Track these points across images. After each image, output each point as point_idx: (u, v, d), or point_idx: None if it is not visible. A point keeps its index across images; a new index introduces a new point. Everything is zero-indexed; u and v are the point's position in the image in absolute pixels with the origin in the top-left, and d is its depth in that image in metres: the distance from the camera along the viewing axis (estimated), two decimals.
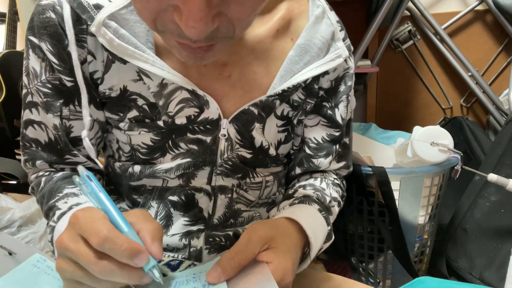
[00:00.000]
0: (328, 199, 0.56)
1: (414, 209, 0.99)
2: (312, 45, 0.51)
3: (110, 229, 0.34)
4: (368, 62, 1.31)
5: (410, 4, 1.48)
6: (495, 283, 1.00)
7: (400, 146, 1.06)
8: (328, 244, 0.53)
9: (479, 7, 1.46)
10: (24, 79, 0.50)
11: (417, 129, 0.94)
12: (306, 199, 0.53)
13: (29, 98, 0.50)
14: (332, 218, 0.57)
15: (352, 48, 0.57)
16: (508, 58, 1.47)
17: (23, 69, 0.50)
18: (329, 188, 0.59)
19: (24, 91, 0.51)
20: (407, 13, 1.54)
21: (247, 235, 0.43)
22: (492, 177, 0.89)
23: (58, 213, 0.46)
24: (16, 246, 0.60)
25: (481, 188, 1.10)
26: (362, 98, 1.74)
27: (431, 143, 0.91)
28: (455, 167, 0.96)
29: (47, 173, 0.53)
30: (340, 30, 0.55)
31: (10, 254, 0.59)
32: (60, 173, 0.52)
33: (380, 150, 1.18)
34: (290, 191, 0.59)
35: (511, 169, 1.06)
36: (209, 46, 0.36)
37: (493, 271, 1.02)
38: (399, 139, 1.16)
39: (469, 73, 1.46)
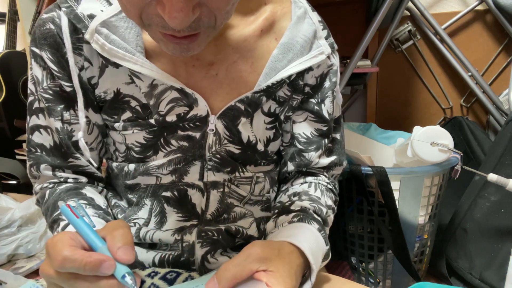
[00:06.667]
0: (324, 210, 0.58)
1: (414, 209, 0.99)
2: (295, 43, 0.54)
3: (68, 249, 0.36)
4: (368, 62, 1.31)
5: (410, 4, 1.48)
6: (495, 283, 1.00)
7: (400, 146, 1.06)
8: (325, 262, 0.54)
9: (479, 7, 1.46)
10: (31, 86, 0.54)
11: (417, 129, 0.94)
12: (305, 217, 0.54)
13: (36, 105, 0.54)
14: (328, 229, 0.59)
15: (336, 46, 0.60)
16: (508, 58, 1.47)
17: (29, 77, 0.54)
18: (323, 195, 0.61)
19: (31, 98, 0.54)
20: (407, 13, 1.54)
21: (247, 250, 0.44)
22: (492, 177, 0.89)
23: (62, 224, 0.50)
24: (5, 277, 0.60)
25: (481, 188, 1.10)
26: (362, 98, 1.74)
27: (431, 143, 0.91)
28: (455, 167, 0.96)
29: (51, 186, 0.56)
30: (323, 29, 0.58)
31: (0, 284, 0.60)
32: (64, 186, 0.55)
33: (380, 150, 1.18)
34: (286, 201, 0.59)
35: (511, 169, 1.06)
36: (193, 36, 0.39)
37: (493, 271, 1.02)
38: (399, 139, 1.16)
39: (469, 73, 1.46)
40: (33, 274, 1.24)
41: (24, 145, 1.70)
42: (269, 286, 0.41)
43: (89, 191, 0.55)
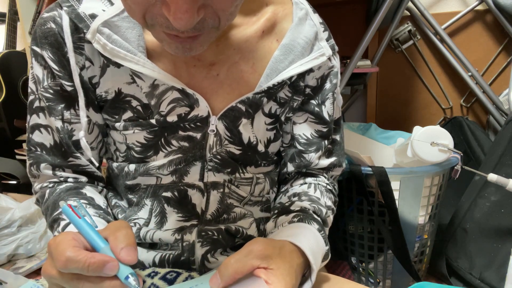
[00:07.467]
0: (324, 211, 0.58)
1: (414, 209, 0.99)
2: (296, 44, 0.54)
3: (71, 249, 0.36)
4: (368, 62, 1.31)
5: (410, 4, 1.48)
6: (495, 283, 1.00)
7: (400, 146, 1.06)
8: (325, 262, 0.54)
9: (479, 7, 1.46)
10: (32, 85, 0.53)
11: (417, 129, 0.94)
12: (305, 217, 0.54)
13: (36, 104, 0.53)
14: (327, 230, 0.59)
15: (336, 48, 0.60)
16: (508, 58, 1.47)
17: (30, 76, 0.54)
18: (323, 196, 0.61)
19: (31, 97, 0.54)
20: (407, 13, 1.54)
21: (249, 247, 0.44)
22: (492, 177, 0.89)
23: (62, 224, 0.50)
24: (5, 276, 0.60)
25: (481, 188, 1.10)
26: (362, 98, 1.74)
27: (431, 143, 0.91)
28: (455, 167, 0.96)
29: (51, 185, 0.56)
30: (324, 31, 0.58)
31: (1, 284, 0.60)
32: (64, 185, 0.55)
33: (380, 150, 1.18)
34: (286, 202, 0.59)
35: (511, 169, 1.06)
36: (196, 36, 0.39)
37: (493, 271, 1.02)
38: (399, 139, 1.16)
39: (469, 73, 1.46)
40: (33, 274, 1.24)
41: (24, 145, 1.70)
42: (269, 284, 0.41)
43: (89, 191, 0.55)
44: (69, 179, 0.56)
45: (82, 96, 0.51)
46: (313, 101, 0.59)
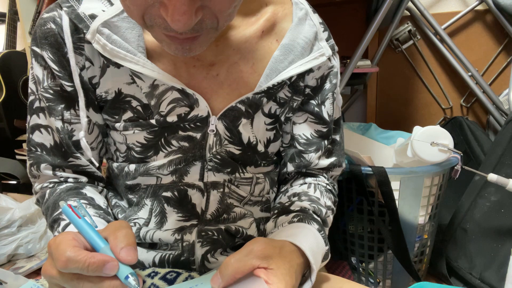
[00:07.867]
0: (324, 211, 0.58)
1: (414, 209, 0.99)
2: (296, 45, 0.54)
3: (71, 249, 0.36)
4: (368, 62, 1.31)
5: (410, 4, 1.48)
6: (495, 283, 1.00)
7: (400, 146, 1.06)
8: (325, 262, 0.54)
9: (479, 7, 1.46)
10: (32, 86, 0.54)
11: (417, 129, 0.94)
12: (305, 217, 0.55)
13: (36, 104, 0.53)
14: (327, 230, 0.59)
15: (336, 48, 0.60)
16: (508, 58, 1.47)
17: (30, 77, 0.54)
18: (323, 196, 0.61)
19: (32, 97, 0.54)
20: (407, 13, 1.54)
21: (249, 246, 0.44)
22: (492, 177, 0.89)
23: (62, 224, 0.50)
24: (5, 276, 0.61)
25: (481, 188, 1.10)
26: (362, 98, 1.74)
27: (431, 143, 0.91)
28: (455, 167, 0.96)
29: (51, 185, 0.56)
30: (323, 31, 0.58)
31: (1, 284, 0.60)
32: (64, 185, 0.55)
33: (380, 150, 1.18)
34: (286, 202, 0.59)
35: (511, 169, 1.06)
36: (195, 37, 0.39)
37: (493, 271, 1.02)
38: (399, 139, 1.16)
39: (469, 73, 1.46)
40: (33, 274, 1.25)
41: (24, 145, 1.70)
42: (269, 284, 0.41)
43: (89, 191, 0.55)
44: (69, 179, 0.56)
45: (82, 97, 0.51)
46: (313, 101, 0.59)
